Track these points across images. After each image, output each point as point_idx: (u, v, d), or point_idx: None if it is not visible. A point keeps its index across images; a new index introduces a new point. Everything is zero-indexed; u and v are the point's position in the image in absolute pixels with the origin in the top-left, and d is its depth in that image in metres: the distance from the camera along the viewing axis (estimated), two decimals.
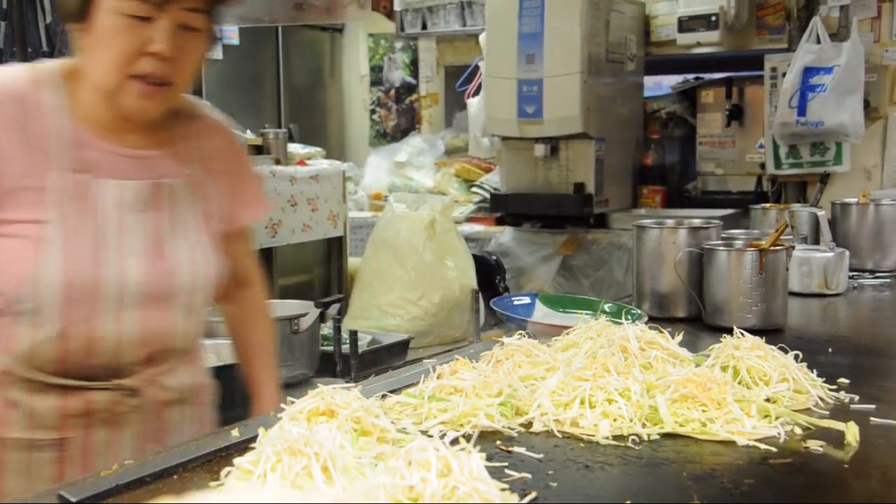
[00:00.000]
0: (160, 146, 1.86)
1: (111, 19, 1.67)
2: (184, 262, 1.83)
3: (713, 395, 1.59)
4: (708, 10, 5.03)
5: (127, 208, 1.77)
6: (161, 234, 1.81)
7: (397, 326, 4.18)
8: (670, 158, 5.80)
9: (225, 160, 1.99)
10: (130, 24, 1.67)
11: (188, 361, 1.94)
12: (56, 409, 1.75)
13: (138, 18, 1.67)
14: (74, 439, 1.77)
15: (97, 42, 1.70)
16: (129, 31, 1.68)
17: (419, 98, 7.05)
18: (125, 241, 1.76)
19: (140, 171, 1.80)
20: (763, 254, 2.42)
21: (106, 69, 1.70)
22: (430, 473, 1.12)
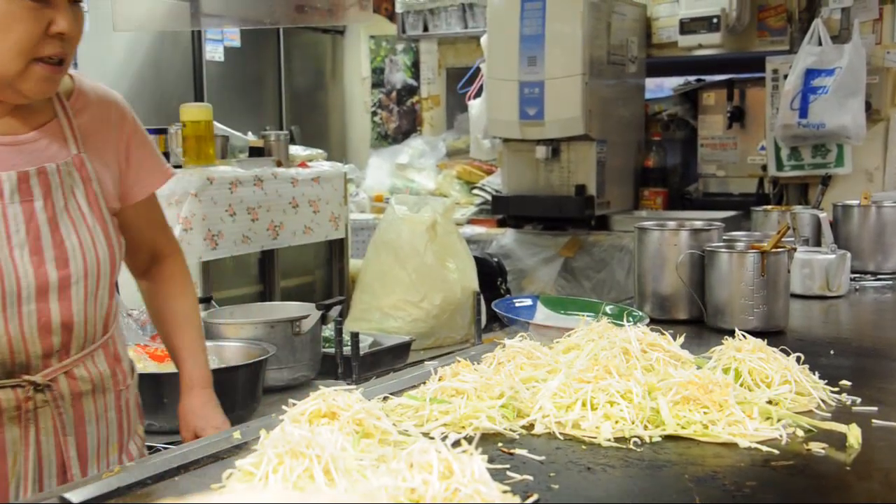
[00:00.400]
0: (38, 127, 1.80)
1: (9, 4, 1.63)
2: (75, 249, 1.77)
3: (715, 398, 1.59)
4: (709, 12, 5.03)
5: (7, 200, 1.71)
6: (43, 222, 1.74)
7: (398, 328, 4.17)
8: (672, 160, 5.80)
9: (108, 132, 1.91)
10: (31, 8, 1.64)
11: (101, 348, 1.88)
12: (15, 400, 1.72)
13: (37, 0, 1.64)
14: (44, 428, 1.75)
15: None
16: (30, 15, 1.64)
17: (420, 100, 7.05)
18: (10, 235, 1.71)
19: (19, 158, 1.75)
20: (765, 256, 2.42)
21: (8, 56, 1.65)
22: (432, 475, 1.12)
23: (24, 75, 1.67)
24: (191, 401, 2.04)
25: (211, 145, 4.22)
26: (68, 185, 1.79)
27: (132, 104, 1.99)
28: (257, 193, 4.12)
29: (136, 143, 1.96)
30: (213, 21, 5.26)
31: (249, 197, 4.08)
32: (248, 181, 4.08)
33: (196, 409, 2.02)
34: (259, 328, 3.14)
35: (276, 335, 3.14)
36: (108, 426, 1.90)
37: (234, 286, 4.26)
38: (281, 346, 3.11)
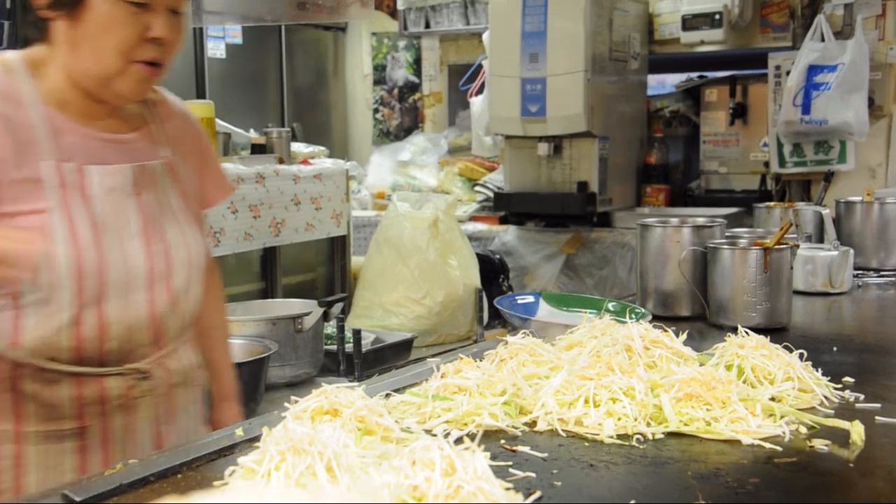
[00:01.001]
0: (135, 130, 1.87)
1: (110, 7, 1.69)
2: (177, 242, 1.85)
3: (718, 394, 1.59)
4: (712, 8, 5.03)
5: (118, 193, 1.78)
6: (153, 216, 1.82)
7: (401, 325, 4.18)
8: (674, 157, 5.79)
9: (189, 142, 2.00)
10: (131, 12, 1.70)
11: (187, 342, 1.96)
12: (73, 398, 1.76)
13: (137, 5, 1.70)
14: (93, 427, 1.78)
15: (94, 30, 1.70)
16: (130, 19, 1.70)
17: (422, 97, 7.05)
18: (122, 226, 1.77)
19: (121, 155, 1.81)
20: (767, 252, 2.41)
21: (107, 56, 1.71)
22: (435, 473, 1.12)
23: (123, 75, 1.74)
24: (223, 413, 2.14)
25: (213, 142, 4.22)
26: (164, 184, 1.88)
27: None
28: (259, 190, 4.13)
29: (208, 156, 2.08)
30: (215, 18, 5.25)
31: (251, 194, 4.08)
32: (250, 178, 4.08)
33: (228, 421, 2.08)
34: (261, 325, 3.15)
35: (279, 332, 3.14)
36: (194, 419, 1.99)
37: (236, 283, 4.26)
38: (283, 343, 3.12)
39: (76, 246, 1.69)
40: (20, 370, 1.72)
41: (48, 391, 1.74)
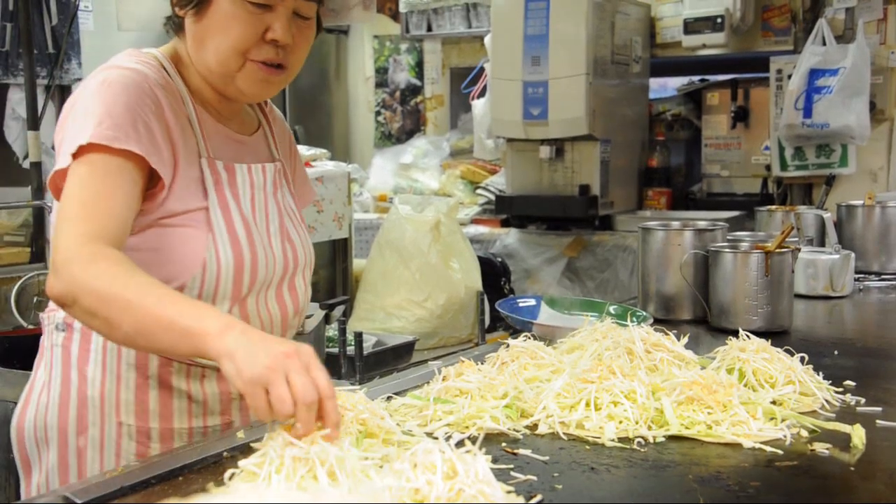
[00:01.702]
0: (252, 133, 1.91)
1: (233, 6, 1.70)
2: (298, 242, 1.89)
3: (719, 398, 1.59)
4: (713, 11, 5.02)
5: (259, 192, 1.82)
6: (283, 214, 1.88)
7: (402, 328, 4.18)
8: (676, 160, 5.79)
9: (287, 146, 2.04)
10: (251, 12, 1.71)
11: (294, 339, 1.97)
12: (220, 394, 1.78)
13: (258, 6, 1.71)
14: (235, 423, 1.81)
15: (216, 27, 1.72)
16: (250, 18, 1.71)
17: (424, 100, 7.05)
18: (265, 223, 1.82)
19: (249, 155, 1.86)
20: (769, 256, 2.42)
21: (226, 53, 1.72)
22: (436, 476, 1.12)
23: (242, 74, 1.75)
24: None
25: None
26: (284, 185, 1.93)
27: None
28: None
29: (298, 160, 2.10)
30: None
31: None
32: None
33: None
34: None
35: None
36: None
37: None
38: None
39: (236, 243, 1.73)
40: (168, 366, 1.73)
41: (196, 387, 1.76)
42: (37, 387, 1.77)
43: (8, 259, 4.52)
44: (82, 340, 1.73)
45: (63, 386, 1.73)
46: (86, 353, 1.72)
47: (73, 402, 1.72)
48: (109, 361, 1.72)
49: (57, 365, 1.75)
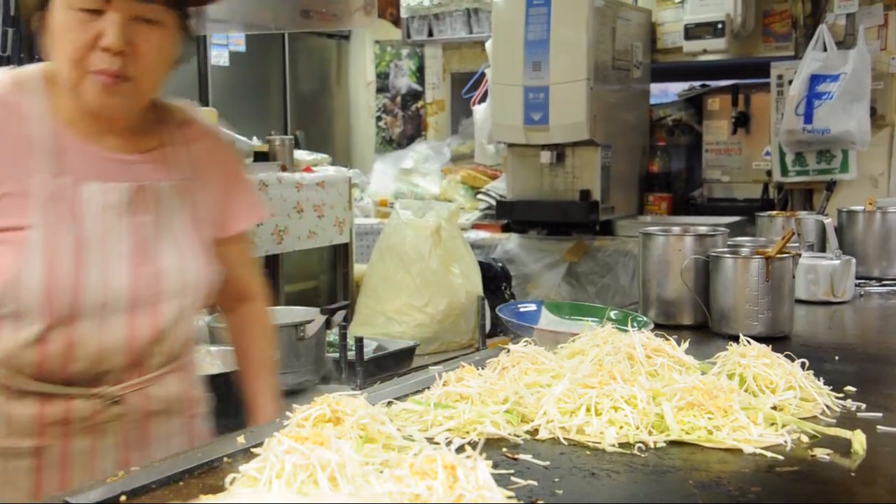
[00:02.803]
0: (144, 151, 1.82)
1: (63, 14, 1.64)
2: (171, 267, 1.79)
3: (719, 403, 1.59)
4: (714, 17, 5.03)
5: (111, 212, 1.73)
6: (146, 237, 1.76)
7: (403, 333, 4.18)
8: (676, 165, 5.80)
9: (216, 165, 1.94)
10: (81, 19, 1.63)
11: (177, 370, 1.89)
12: (34, 416, 1.71)
13: (88, 12, 1.63)
14: (52, 447, 1.73)
15: (54, 38, 1.66)
16: (79, 26, 1.63)
17: (425, 105, 7.06)
18: (109, 246, 1.72)
19: (123, 174, 1.76)
20: (769, 261, 2.41)
21: (63, 65, 1.66)
22: (436, 481, 1.12)
23: (83, 86, 1.67)
24: None
25: None
26: (170, 206, 1.82)
27: None
28: (262, 198, 4.13)
29: (237, 180, 2.02)
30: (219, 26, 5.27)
31: None
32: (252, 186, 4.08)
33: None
34: None
35: (281, 340, 3.14)
36: (176, 449, 1.84)
37: None
38: (285, 350, 3.11)
39: (51, 264, 1.65)
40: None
41: (10, 406, 1.71)
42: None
43: None
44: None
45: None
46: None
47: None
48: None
49: None
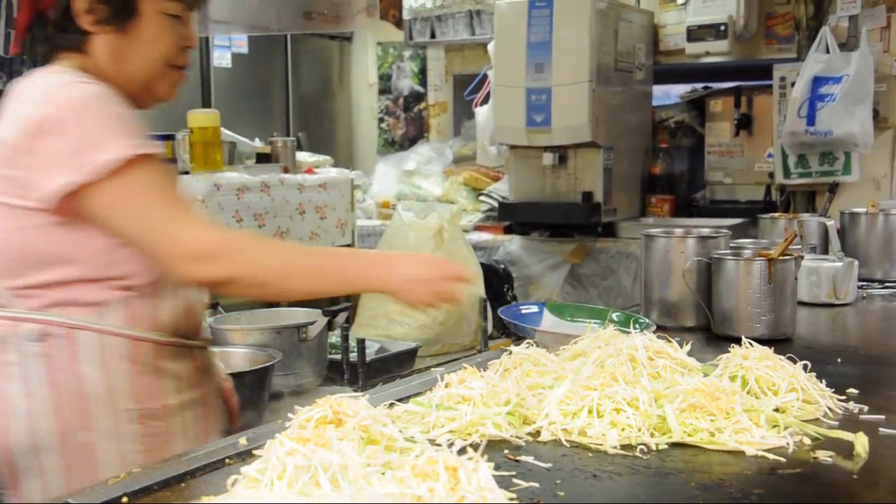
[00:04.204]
0: None
1: (157, 20, 1.86)
2: None
3: (722, 405, 1.59)
4: (716, 19, 5.03)
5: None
6: None
7: (405, 335, 4.17)
8: (679, 167, 5.79)
9: None
10: (173, 23, 1.88)
11: None
12: (193, 368, 1.93)
13: (176, 17, 1.89)
14: (207, 394, 1.97)
15: (145, 41, 1.86)
16: (172, 30, 1.88)
17: (427, 106, 7.05)
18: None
19: None
20: (772, 263, 2.41)
21: (151, 64, 1.87)
22: (438, 483, 1.12)
23: (162, 80, 1.92)
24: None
25: (218, 151, 4.23)
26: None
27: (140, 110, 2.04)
28: (264, 199, 4.13)
29: None
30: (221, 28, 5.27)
31: (256, 203, 4.08)
32: (254, 187, 4.09)
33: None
34: (265, 334, 3.15)
35: (283, 341, 3.14)
36: None
37: None
38: (287, 352, 3.12)
39: None
40: (157, 349, 1.85)
41: (179, 365, 1.89)
42: (13, 400, 1.78)
43: None
44: (67, 344, 1.77)
45: (51, 390, 1.77)
46: (74, 354, 1.77)
47: (71, 403, 1.77)
48: (102, 358, 1.78)
49: (37, 374, 1.77)
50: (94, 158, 1.68)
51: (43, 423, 1.76)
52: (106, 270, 1.78)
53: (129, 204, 1.71)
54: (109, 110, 1.74)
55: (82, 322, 1.77)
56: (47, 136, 1.70)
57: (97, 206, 1.71)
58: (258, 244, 1.80)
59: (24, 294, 1.78)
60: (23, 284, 1.78)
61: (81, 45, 1.85)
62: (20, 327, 1.78)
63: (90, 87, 1.75)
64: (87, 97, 1.73)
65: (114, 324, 1.79)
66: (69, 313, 1.77)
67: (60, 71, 1.81)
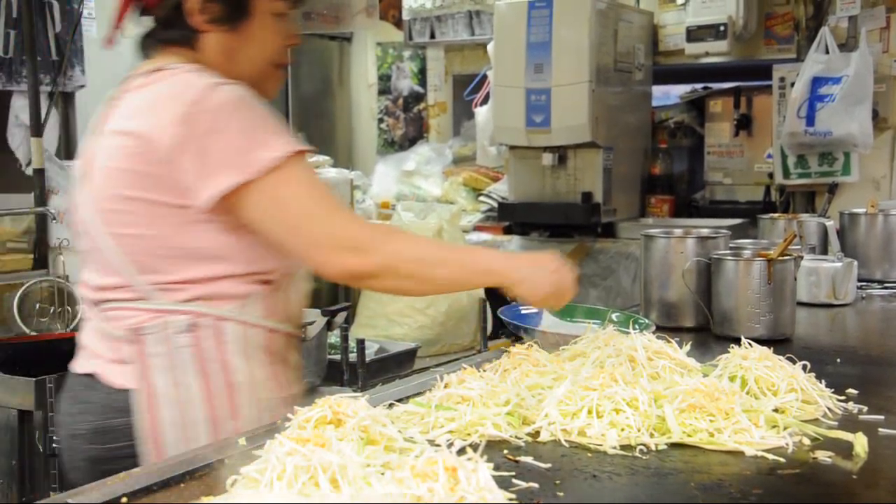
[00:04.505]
0: None
1: (267, 20, 1.92)
2: None
3: (721, 405, 1.59)
4: (716, 19, 5.03)
5: None
6: None
7: (404, 335, 4.18)
8: (678, 168, 5.79)
9: None
10: (280, 22, 1.95)
11: None
12: (298, 360, 2.01)
13: (282, 16, 1.94)
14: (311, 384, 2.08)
15: (255, 40, 1.92)
16: (280, 28, 1.95)
17: (427, 107, 7.05)
18: None
19: None
20: (771, 263, 2.41)
21: (261, 62, 1.94)
22: (438, 483, 1.12)
23: (270, 78, 1.98)
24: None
25: None
26: None
27: None
28: None
29: None
30: None
31: None
32: None
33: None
34: None
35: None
36: None
37: None
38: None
39: None
40: (287, 339, 1.93)
41: (297, 357, 2.00)
42: (161, 391, 1.80)
43: (11, 266, 4.52)
44: (214, 335, 1.81)
45: (202, 380, 1.81)
46: (222, 344, 1.82)
47: (220, 392, 1.81)
48: (245, 348, 1.84)
49: (186, 365, 1.80)
50: (261, 157, 1.72)
51: (194, 413, 1.80)
52: (251, 266, 1.83)
53: (288, 197, 1.75)
54: (262, 109, 1.79)
55: (228, 314, 1.82)
56: (206, 135, 1.72)
57: (255, 202, 1.74)
58: (404, 237, 1.85)
59: (169, 288, 1.81)
60: (168, 280, 1.80)
61: (192, 42, 1.89)
62: (167, 319, 1.80)
63: (236, 87, 1.79)
64: (239, 97, 1.77)
65: (254, 315, 1.85)
66: (215, 306, 1.81)
67: (196, 70, 1.83)
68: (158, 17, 1.90)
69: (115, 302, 1.83)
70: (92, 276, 1.88)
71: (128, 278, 1.80)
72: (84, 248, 1.90)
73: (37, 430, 3.40)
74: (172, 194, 1.75)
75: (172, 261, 1.79)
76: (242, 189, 1.73)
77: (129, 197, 1.77)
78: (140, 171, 1.76)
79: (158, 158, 1.74)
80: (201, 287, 1.81)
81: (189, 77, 1.80)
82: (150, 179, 1.76)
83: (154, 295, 1.80)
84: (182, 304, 1.80)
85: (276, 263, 1.87)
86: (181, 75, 1.81)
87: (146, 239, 1.79)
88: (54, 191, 4.61)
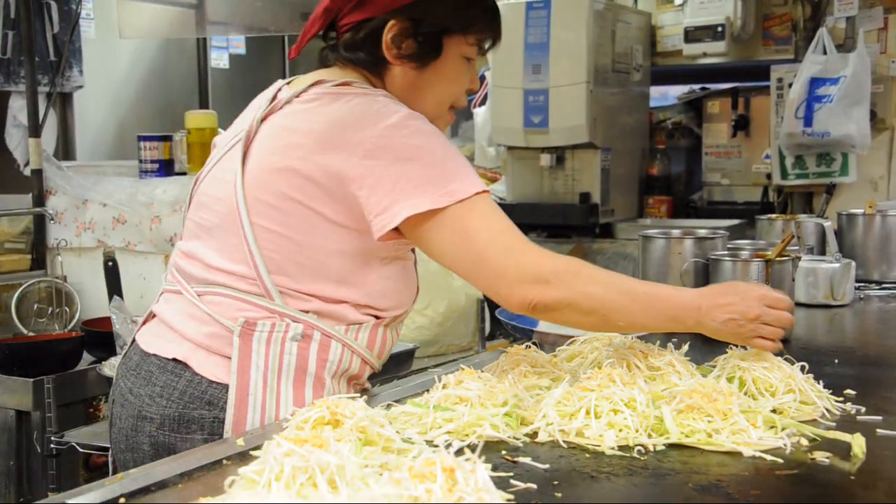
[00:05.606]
0: None
1: (458, 62, 1.95)
2: None
3: (719, 406, 1.59)
4: (714, 20, 5.03)
5: None
6: None
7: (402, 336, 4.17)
8: (676, 168, 5.79)
9: None
10: (466, 68, 1.97)
11: None
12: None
13: (469, 60, 1.96)
14: None
15: (442, 80, 1.94)
16: (466, 72, 1.97)
17: None
18: None
19: None
20: (769, 264, 2.42)
21: (441, 103, 1.97)
22: (435, 484, 1.12)
23: (441, 118, 1.99)
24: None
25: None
26: None
27: (138, 111, 2.06)
28: None
29: None
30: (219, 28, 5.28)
31: None
32: None
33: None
34: None
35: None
36: None
37: None
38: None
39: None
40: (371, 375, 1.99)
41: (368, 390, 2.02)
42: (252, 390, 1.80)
43: (9, 266, 4.52)
44: (320, 351, 1.83)
45: (296, 390, 1.81)
46: (323, 361, 1.84)
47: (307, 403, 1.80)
48: (339, 370, 1.87)
49: (286, 371, 1.81)
50: (451, 188, 1.73)
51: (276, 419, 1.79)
52: (371, 300, 1.87)
53: (475, 229, 1.75)
54: (453, 145, 1.83)
55: (337, 333, 1.84)
56: (398, 162, 1.73)
57: (439, 230, 1.75)
58: (591, 272, 1.78)
59: (294, 295, 1.81)
60: (295, 287, 1.81)
61: (378, 70, 1.93)
62: (285, 323, 1.80)
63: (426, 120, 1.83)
64: (433, 129, 1.81)
65: (357, 343, 1.87)
66: (328, 324, 1.83)
67: (389, 96, 1.86)
68: (348, 39, 1.94)
69: (230, 289, 1.82)
70: (209, 253, 1.86)
71: (255, 272, 1.80)
72: (204, 222, 1.90)
73: (35, 430, 3.41)
74: (340, 211, 1.77)
75: (306, 271, 1.80)
76: (429, 215, 1.73)
77: (291, 198, 1.78)
78: (313, 181, 1.76)
79: (339, 175, 1.75)
80: (321, 304, 1.82)
81: (385, 101, 1.82)
82: (319, 190, 1.76)
83: (275, 296, 1.80)
84: (301, 313, 1.81)
85: (394, 302, 1.92)
86: (378, 98, 1.83)
87: (292, 243, 1.79)
88: (52, 191, 4.60)
